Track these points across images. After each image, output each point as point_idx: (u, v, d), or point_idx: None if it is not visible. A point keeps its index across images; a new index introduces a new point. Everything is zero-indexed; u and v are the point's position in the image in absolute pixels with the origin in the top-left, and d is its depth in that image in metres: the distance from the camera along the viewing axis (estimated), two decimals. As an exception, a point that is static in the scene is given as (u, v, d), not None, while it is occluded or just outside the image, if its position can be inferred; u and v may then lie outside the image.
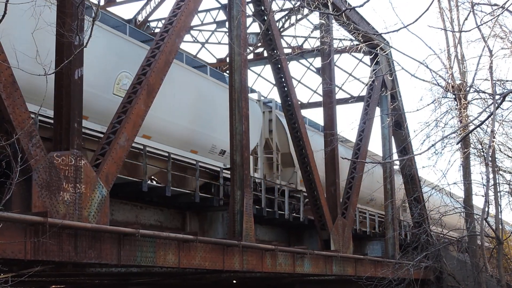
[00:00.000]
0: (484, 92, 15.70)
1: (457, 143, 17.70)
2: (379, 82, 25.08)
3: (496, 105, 11.19)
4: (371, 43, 17.53)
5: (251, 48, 28.91)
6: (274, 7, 26.65)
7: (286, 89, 19.24)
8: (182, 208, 17.22)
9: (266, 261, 16.14)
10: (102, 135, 12.80)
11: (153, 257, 12.32)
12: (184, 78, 16.95)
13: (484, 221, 18.83)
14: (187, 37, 30.14)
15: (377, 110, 25.75)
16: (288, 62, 20.17)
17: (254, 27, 27.57)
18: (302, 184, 21.35)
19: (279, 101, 20.30)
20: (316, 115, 67.72)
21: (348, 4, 20.70)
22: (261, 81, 37.43)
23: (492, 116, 10.97)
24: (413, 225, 26.01)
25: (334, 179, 21.44)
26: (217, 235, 16.85)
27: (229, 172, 16.52)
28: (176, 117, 16.36)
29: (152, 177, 16.20)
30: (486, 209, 14.02)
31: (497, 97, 11.46)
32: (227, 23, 19.69)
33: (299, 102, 22.69)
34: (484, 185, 19.34)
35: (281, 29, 29.76)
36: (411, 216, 25.74)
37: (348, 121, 38.90)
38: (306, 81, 45.91)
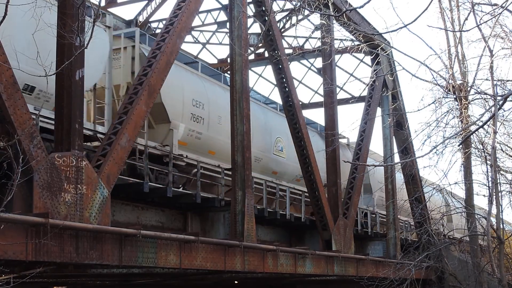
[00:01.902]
0: (485, 93, 15.69)
1: (459, 145, 17.69)
2: (380, 82, 25.08)
3: (498, 106, 11.18)
4: (372, 43, 17.53)
5: (252, 48, 28.93)
6: (275, 7, 26.67)
7: (287, 89, 19.24)
8: (184, 208, 17.22)
9: (267, 261, 16.15)
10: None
11: (154, 258, 12.33)
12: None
13: (485, 220, 18.87)
14: (188, 38, 30.17)
15: (378, 110, 25.75)
16: (289, 63, 20.17)
17: (255, 28, 27.59)
18: (182, 147, 17.32)
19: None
20: (317, 116, 67.67)
21: (349, 4, 20.72)
22: (262, 82, 37.37)
23: (494, 117, 10.96)
24: (414, 225, 26.02)
25: (336, 180, 21.44)
26: (218, 235, 16.85)
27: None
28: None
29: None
30: (488, 209, 14.02)
31: (498, 98, 11.44)
32: (228, 24, 19.70)
33: (300, 103, 22.66)
34: (485, 185, 19.36)
35: (282, 30, 29.75)
36: (412, 216, 25.73)
37: (349, 121, 38.90)
38: (307, 82, 45.82)
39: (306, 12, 26.83)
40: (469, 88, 17.98)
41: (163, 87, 13.88)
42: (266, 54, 24.88)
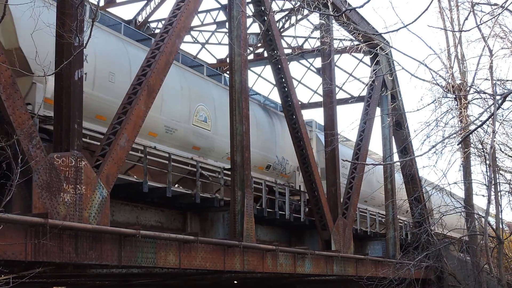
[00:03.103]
0: (484, 92, 15.70)
1: (458, 144, 17.69)
2: (379, 82, 25.09)
3: (497, 105, 11.19)
4: (371, 43, 17.55)
5: (251, 48, 28.91)
6: (274, 7, 26.65)
7: (286, 89, 19.25)
8: (183, 208, 17.21)
9: (267, 261, 16.15)
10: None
11: (153, 258, 12.32)
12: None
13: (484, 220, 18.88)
14: (187, 38, 30.13)
15: (378, 110, 25.76)
16: (288, 63, 20.17)
17: (254, 28, 27.58)
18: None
19: None
20: (316, 116, 67.71)
21: (348, 4, 20.71)
22: (261, 82, 37.36)
23: (493, 117, 10.97)
24: (413, 225, 26.02)
25: (335, 179, 21.44)
26: (218, 235, 16.85)
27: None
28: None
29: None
30: (487, 209, 14.02)
31: (498, 97, 11.45)
32: (227, 24, 19.70)
33: (300, 102, 22.65)
34: (484, 184, 19.36)
35: (281, 30, 29.74)
36: (411, 216, 25.74)
37: (348, 121, 38.94)
38: (306, 81, 45.91)
39: (305, 12, 26.82)
40: (468, 88, 18.00)
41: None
42: (265, 54, 24.88)
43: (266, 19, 18.21)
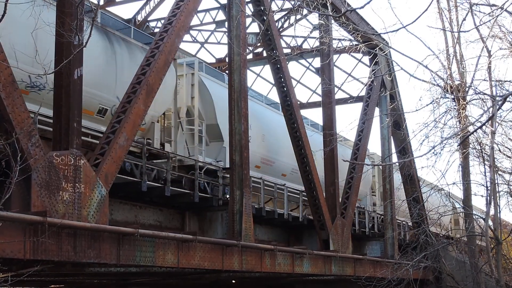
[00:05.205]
0: (484, 93, 15.70)
1: (458, 145, 17.69)
2: (378, 82, 25.11)
3: (497, 106, 11.19)
4: (370, 43, 17.54)
5: (250, 48, 28.93)
6: (274, 7, 26.65)
7: (285, 89, 19.26)
8: (182, 208, 17.22)
9: (265, 261, 16.16)
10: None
11: (152, 257, 12.33)
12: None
13: (483, 221, 18.90)
14: (186, 37, 30.16)
15: (376, 110, 25.77)
16: (287, 62, 20.19)
17: (254, 27, 27.62)
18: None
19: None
20: (315, 115, 67.72)
21: (348, 4, 20.72)
22: (260, 81, 37.37)
23: (493, 118, 10.98)
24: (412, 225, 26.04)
25: (334, 179, 21.45)
26: (216, 235, 16.86)
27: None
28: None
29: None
30: (487, 210, 14.04)
31: (498, 98, 11.45)
32: (226, 23, 19.70)
33: (298, 102, 22.68)
34: (483, 185, 19.36)
35: (281, 29, 29.77)
36: (410, 216, 25.75)
37: (347, 121, 38.99)
38: (305, 81, 45.86)
39: (305, 12, 26.83)
40: (467, 89, 17.99)
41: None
42: (265, 54, 24.91)
43: (265, 18, 18.22)
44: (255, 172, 19.91)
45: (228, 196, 16.77)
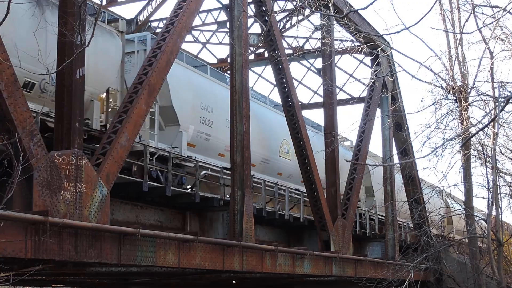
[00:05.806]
0: (487, 95, 15.70)
1: (460, 147, 17.68)
2: (380, 83, 25.09)
3: (500, 108, 11.18)
4: (372, 44, 17.54)
5: (252, 48, 28.92)
6: (276, 8, 26.68)
7: (287, 89, 19.25)
8: (183, 208, 17.22)
9: (266, 261, 16.15)
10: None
11: (153, 257, 12.33)
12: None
13: (485, 222, 18.88)
14: (188, 37, 30.16)
15: (378, 111, 25.76)
16: (289, 63, 20.17)
17: (255, 28, 27.60)
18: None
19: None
20: (317, 116, 67.73)
21: (350, 5, 20.72)
22: (262, 82, 37.35)
23: (496, 119, 10.98)
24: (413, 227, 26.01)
25: (335, 180, 21.44)
26: (217, 235, 16.85)
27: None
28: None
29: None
30: (489, 211, 14.03)
31: (500, 100, 11.44)
32: (228, 24, 19.68)
33: (300, 103, 22.64)
34: (485, 187, 19.36)
35: (282, 30, 29.75)
36: (411, 217, 25.73)
37: (349, 122, 38.98)
38: (307, 82, 45.89)
39: (307, 13, 26.82)
40: (469, 90, 17.99)
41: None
42: (266, 54, 24.89)
43: (267, 19, 18.22)
44: (217, 160, 18.52)
45: (189, 186, 16.34)
